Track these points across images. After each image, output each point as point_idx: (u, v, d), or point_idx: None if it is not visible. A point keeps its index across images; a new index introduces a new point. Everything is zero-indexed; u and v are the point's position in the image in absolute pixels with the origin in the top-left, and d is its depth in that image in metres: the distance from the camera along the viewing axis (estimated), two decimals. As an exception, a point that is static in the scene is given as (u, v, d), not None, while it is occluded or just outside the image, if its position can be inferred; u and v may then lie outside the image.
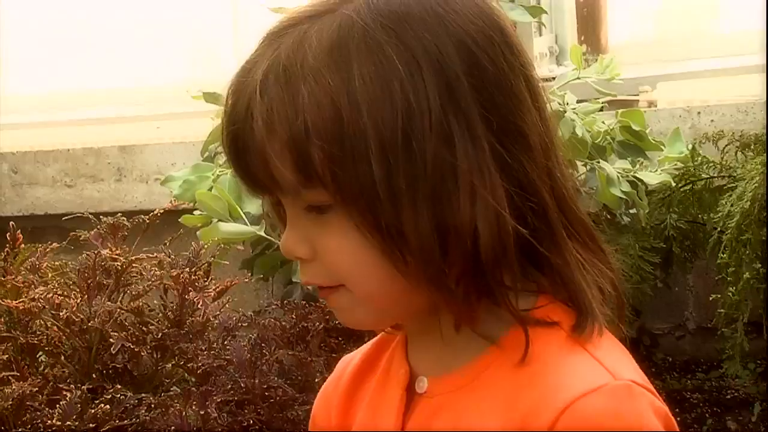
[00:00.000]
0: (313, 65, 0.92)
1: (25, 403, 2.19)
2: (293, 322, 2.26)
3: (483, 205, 0.93)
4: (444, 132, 0.93)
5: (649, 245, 2.47)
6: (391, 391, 1.03)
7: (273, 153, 0.93)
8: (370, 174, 0.92)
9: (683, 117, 2.85)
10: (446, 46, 0.94)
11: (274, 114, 0.92)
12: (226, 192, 2.36)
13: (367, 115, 0.91)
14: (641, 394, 0.92)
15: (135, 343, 2.30)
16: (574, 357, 0.94)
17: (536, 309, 0.96)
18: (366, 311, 0.98)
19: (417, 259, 0.93)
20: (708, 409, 2.57)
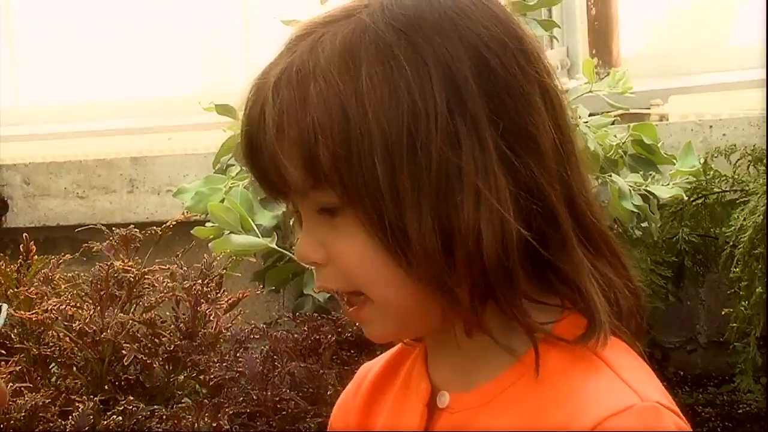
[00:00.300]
0: (324, 67, 0.93)
1: (37, 414, 2.19)
2: (305, 334, 2.26)
3: (487, 207, 0.92)
4: (450, 133, 0.93)
5: (661, 259, 2.46)
6: (412, 406, 1.02)
7: (282, 153, 0.94)
8: (374, 174, 0.92)
9: (695, 131, 2.84)
10: (456, 50, 0.94)
11: (284, 114, 0.94)
12: (238, 204, 2.36)
13: (373, 116, 0.92)
14: (668, 416, 0.92)
15: (147, 354, 2.31)
16: (601, 377, 0.94)
17: (558, 323, 0.96)
18: (387, 321, 0.98)
19: (419, 261, 0.93)
20: (720, 424, 2.56)
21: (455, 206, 0.93)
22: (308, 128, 0.93)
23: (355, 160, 0.92)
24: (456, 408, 0.99)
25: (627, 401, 0.91)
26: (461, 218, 0.92)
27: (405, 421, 1.02)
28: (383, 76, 0.93)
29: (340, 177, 0.93)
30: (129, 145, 3.52)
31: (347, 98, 0.92)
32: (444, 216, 0.93)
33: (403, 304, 0.97)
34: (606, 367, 0.94)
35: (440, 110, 0.93)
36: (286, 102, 0.94)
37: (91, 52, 3.89)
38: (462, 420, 0.98)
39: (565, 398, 0.93)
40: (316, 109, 0.93)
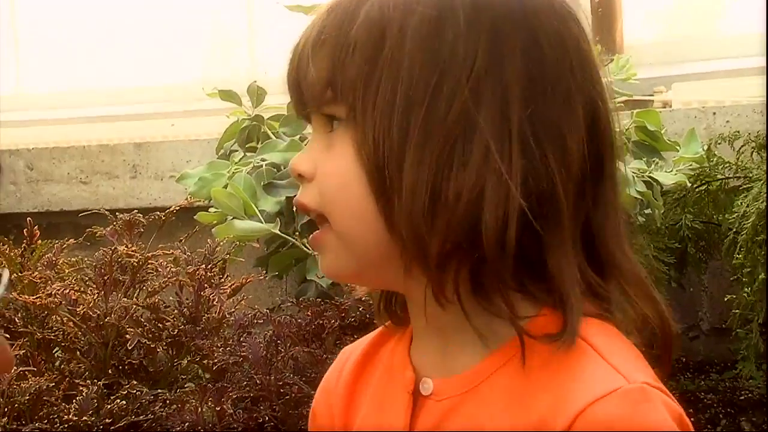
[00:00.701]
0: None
1: (41, 398, 2.20)
2: (308, 319, 2.26)
3: (495, 174, 0.92)
4: (478, 92, 0.93)
5: (664, 245, 2.46)
6: (397, 393, 1.01)
7: (315, 60, 0.96)
8: (391, 101, 0.93)
9: (698, 117, 2.84)
10: (515, 25, 0.95)
11: (329, 27, 0.96)
12: (241, 190, 2.37)
13: (410, 47, 0.93)
14: (656, 396, 0.91)
15: (151, 339, 2.31)
16: (586, 360, 0.92)
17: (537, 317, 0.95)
18: (342, 255, 0.97)
19: (405, 201, 0.92)
20: (722, 410, 2.56)
21: (461, 162, 0.92)
22: (344, 42, 0.95)
23: (376, 81, 0.94)
24: (440, 395, 0.98)
25: (613, 384, 0.90)
26: (465, 176, 0.92)
27: (390, 409, 1.01)
28: (436, 18, 0.94)
29: (355, 93, 0.94)
30: (132, 130, 3.52)
31: (391, 24, 0.94)
32: (446, 167, 0.92)
33: (364, 242, 0.96)
34: (591, 351, 0.93)
35: (478, 66, 0.93)
36: (338, 16, 0.96)
37: (94, 38, 3.89)
38: (447, 407, 0.97)
39: (551, 384, 0.92)
40: (359, 26, 0.95)
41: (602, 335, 0.95)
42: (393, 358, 1.04)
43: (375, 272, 0.99)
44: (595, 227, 0.97)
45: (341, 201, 0.96)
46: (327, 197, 0.97)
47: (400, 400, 1.00)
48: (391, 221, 0.94)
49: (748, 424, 2.50)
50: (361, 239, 0.96)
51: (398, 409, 1.00)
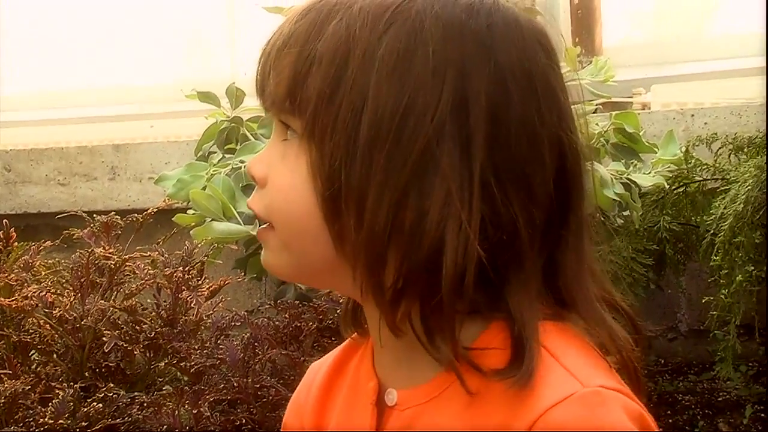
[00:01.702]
0: (355, 13, 0.95)
1: (17, 401, 2.19)
2: (286, 321, 2.26)
3: (455, 219, 0.91)
4: (441, 134, 0.92)
5: (642, 247, 2.47)
6: (362, 404, 1.02)
7: (277, 68, 0.96)
8: (353, 131, 0.93)
9: (677, 119, 2.85)
10: (483, 67, 0.94)
11: (296, 34, 0.96)
12: (220, 191, 2.36)
13: (376, 79, 0.93)
14: (612, 398, 0.91)
15: (128, 341, 2.30)
16: (542, 365, 0.92)
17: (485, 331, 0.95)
18: (286, 258, 0.98)
19: (363, 236, 0.92)
20: (700, 411, 2.57)
21: (422, 204, 0.92)
22: (308, 55, 0.94)
23: (336, 104, 0.93)
24: (404, 405, 0.99)
25: (568, 390, 0.90)
26: (425, 219, 0.91)
27: (356, 421, 1.02)
28: (404, 50, 0.93)
29: (314, 112, 0.94)
30: (111, 132, 3.51)
31: (356, 48, 0.93)
32: (407, 207, 0.92)
33: (308, 254, 0.97)
34: (547, 355, 0.93)
35: (441, 109, 0.92)
36: (306, 25, 0.96)
37: (73, 39, 3.87)
38: (411, 417, 0.98)
39: (509, 390, 0.92)
40: (324, 41, 0.94)
41: (558, 338, 0.95)
42: (359, 371, 1.05)
43: (319, 279, 1.02)
44: (557, 264, 0.97)
45: (287, 215, 0.97)
46: (274, 209, 0.98)
47: (365, 410, 1.01)
48: (342, 248, 0.94)
49: (725, 425, 2.51)
50: (306, 251, 0.97)
51: (363, 419, 1.01)
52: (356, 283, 0.95)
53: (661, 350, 2.87)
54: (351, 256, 0.94)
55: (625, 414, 0.91)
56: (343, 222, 0.94)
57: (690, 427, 2.52)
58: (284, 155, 0.98)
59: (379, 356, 1.02)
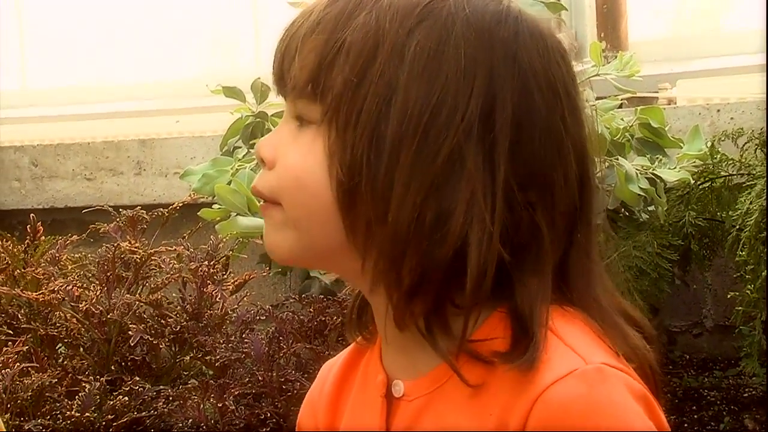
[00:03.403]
0: (382, 6, 0.94)
1: (44, 395, 2.20)
2: (311, 315, 2.26)
3: (479, 221, 0.92)
4: (469, 133, 0.93)
5: (668, 242, 2.45)
6: (371, 398, 1.03)
7: (302, 51, 0.95)
8: (379, 125, 0.93)
9: (702, 114, 2.84)
10: (509, 73, 0.94)
11: (324, 21, 0.95)
12: (245, 186, 2.36)
13: (406, 75, 0.93)
14: (614, 375, 0.92)
15: (153, 335, 2.31)
16: (545, 344, 0.93)
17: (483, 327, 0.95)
18: (288, 235, 0.98)
19: (386, 229, 0.93)
20: (725, 407, 2.56)
21: (447, 204, 0.92)
22: (336, 41, 0.94)
23: (362, 96, 0.93)
24: (411, 395, 0.99)
25: (570, 365, 0.91)
26: (450, 219, 0.92)
27: (366, 414, 1.03)
28: (435, 49, 0.93)
29: (338, 100, 0.94)
30: (137, 127, 3.52)
31: (385, 41, 0.93)
32: (432, 207, 0.92)
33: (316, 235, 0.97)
34: (550, 334, 0.94)
35: (470, 112, 0.93)
36: (336, 10, 0.95)
37: (99, 35, 3.89)
38: (419, 406, 0.98)
39: (512, 371, 0.92)
40: (353, 30, 0.94)
41: (561, 318, 0.95)
42: (368, 366, 1.06)
43: (321, 261, 1.02)
44: (567, 269, 0.98)
45: (297, 196, 0.96)
46: (283, 190, 0.97)
47: (374, 403, 1.02)
48: (354, 237, 0.95)
49: (751, 421, 2.50)
50: (312, 232, 0.97)
51: (374, 412, 1.02)
52: (365, 273, 0.95)
53: (686, 346, 2.87)
54: (364, 247, 0.95)
55: (629, 392, 0.91)
56: (359, 212, 0.94)
57: (715, 423, 2.51)
58: (297, 138, 0.98)
59: (386, 350, 1.03)
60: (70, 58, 3.92)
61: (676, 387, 2.65)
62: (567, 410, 0.89)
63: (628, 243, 2.44)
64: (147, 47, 3.82)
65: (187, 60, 3.81)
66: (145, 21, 3.82)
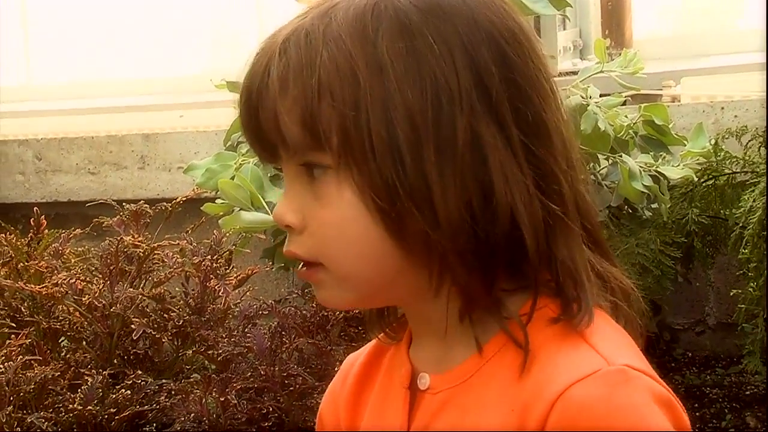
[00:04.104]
0: (335, 31, 0.94)
1: (47, 387, 2.21)
2: (313, 310, 2.27)
3: (518, 186, 0.93)
4: (475, 113, 0.93)
5: (671, 240, 2.45)
6: (395, 389, 1.03)
7: (283, 110, 0.94)
8: (392, 140, 0.92)
9: (706, 112, 2.84)
10: (476, 35, 0.95)
11: (290, 71, 0.94)
12: (248, 181, 2.36)
13: (393, 82, 0.92)
14: (637, 378, 0.91)
15: (156, 329, 2.32)
16: (569, 345, 0.93)
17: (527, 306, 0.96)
18: (343, 292, 0.98)
19: (442, 232, 0.93)
20: (727, 405, 2.56)
21: (483, 181, 0.93)
22: (313, 86, 0.93)
23: (364, 123, 0.92)
24: (436, 388, 1.00)
25: (593, 366, 0.91)
26: (494, 199, 0.93)
27: (390, 404, 1.03)
28: (407, 49, 0.93)
29: (343, 139, 0.93)
30: (140, 121, 3.52)
31: (358, 62, 0.93)
32: (472, 190, 0.93)
33: (367, 278, 0.97)
34: (576, 335, 0.94)
35: (464, 89, 0.93)
36: (293, 60, 0.94)
37: (103, 30, 3.89)
38: (443, 399, 0.99)
39: (535, 369, 0.93)
40: (323, 69, 0.93)
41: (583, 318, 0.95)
42: (394, 360, 1.06)
43: (375, 298, 1.01)
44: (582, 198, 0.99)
45: (343, 247, 0.96)
46: (326, 246, 0.96)
47: (398, 395, 1.03)
48: (411, 256, 0.94)
49: (753, 419, 2.50)
50: (365, 276, 0.96)
51: (397, 403, 1.02)
52: (432, 282, 0.95)
53: (689, 343, 2.87)
54: (427, 259, 0.95)
55: (651, 396, 0.91)
56: (411, 230, 0.94)
57: (717, 421, 2.51)
58: (318, 195, 0.96)
59: (415, 344, 1.04)
60: (74, 53, 3.92)
61: (679, 384, 2.65)
62: (587, 411, 0.89)
63: (631, 240, 2.44)
64: (151, 42, 3.83)
65: (190, 55, 3.82)
66: (149, 16, 3.83)
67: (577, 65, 3.14)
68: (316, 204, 0.96)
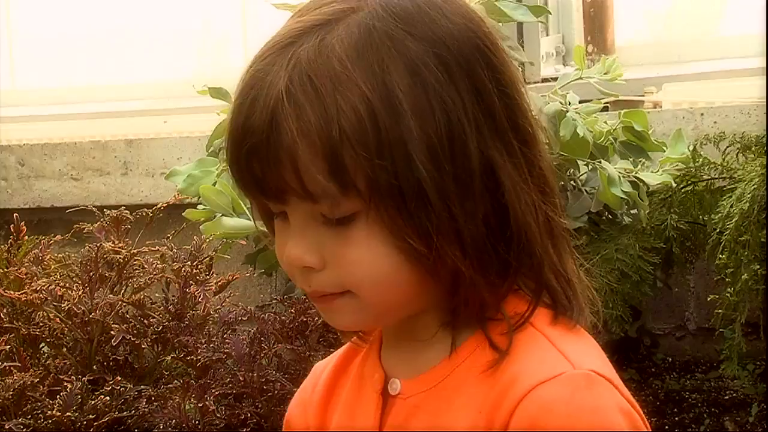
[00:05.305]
0: (340, 72, 0.93)
1: (26, 394, 2.21)
2: (292, 316, 2.27)
3: (527, 204, 0.96)
4: (481, 134, 0.95)
5: (650, 245, 2.47)
6: (367, 395, 1.04)
7: (305, 161, 0.92)
8: (414, 178, 0.93)
9: (686, 118, 2.85)
10: (468, 54, 0.96)
11: (306, 123, 0.92)
12: (230, 187, 2.37)
13: (410, 120, 0.93)
14: (600, 384, 0.94)
15: (136, 335, 2.32)
16: (537, 349, 0.96)
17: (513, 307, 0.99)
18: (364, 316, 0.99)
19: (471, 261, 0.95)
20: (706, 410, 2.57)
21: (500, 205, 0.95)
22: (334, 137, 0.91)
23: (389, 165, 0.92)
24: (407, 393, 1.01)
25: (558, 369, 0.93)
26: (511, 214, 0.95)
27: (361, 410, 1.04)
28: (413, 83, 0.94)
29: (369, 184, 0.93)
30: (124, 127, 3.53)
31: (375, 104, 0.92)
32: (492, 211, 0.95)
33: (391, 305, 0.98)
34: (543, 338, 0.96)
35: (470, 112, 0.95)
36: (307, 110, 0.92)
37: (87, 35, 3.89)
38: (414, 404, 1.00)
39: (502, 372, 0.95)
40: (344, 118, 0.92)
41: (555, 325, 0.98)
42: (363, 366, 1.07)
43: (389, 319, 1.02)
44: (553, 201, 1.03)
45: (373, 282, 0.96)
46: (356, 280, 0.96)
47: (370, 400, 1.04)
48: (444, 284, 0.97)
49: (731, 423, 2.51)
50: (392, 302, 0.98)
51: (369, 409, 1.04)
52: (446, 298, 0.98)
53: (669, 348, 2.88)
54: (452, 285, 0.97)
55: (613, 403, 0.93)
56: (444, 264, 0.95)
57: (696, 426, 2.52)
58: (342, 236, 0.95)
59: (387, 349, 1.05)
60: (58, 58, 3.92)
61: (658, 389, 2.66)
62: (549, 412, 0.91)
63: (611, 246, 2.45)
64: (135, 48, 3.83)
65: (174, 61, 3.82)
66: (133, 22, 3.83)
67: (559, 71, 3.15)
68: (338, 243, 0.96)
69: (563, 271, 0.99)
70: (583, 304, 1.00)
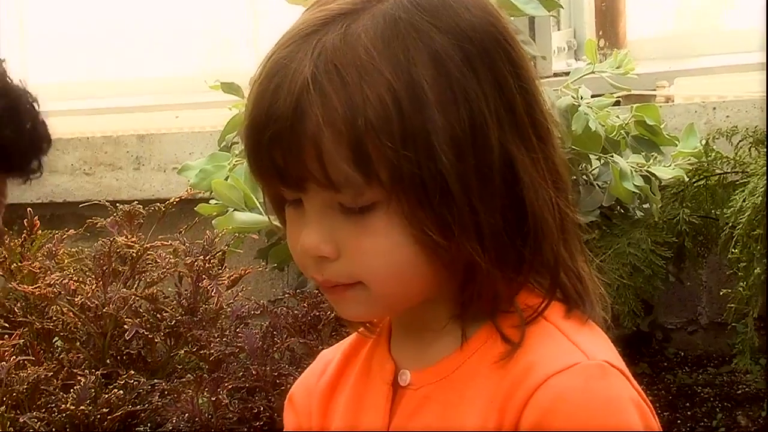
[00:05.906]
0: (366, 61, 0.92)
1: (39, 387, 2.22)
2: (305, 310, 2.27)
3: (544, 200, 0.96)
4: (501, 126, 0.95)
5: (662, 240, 2.46)
6: (376, 386, 1.04)
7: (329, 149, 0.92)
8: (437, 169, 0.93)
9: (699, 112, 2.84)
10: (490, 47, 0.96)
11: (332, 111, 0.92)
12: (242, 182, 2.37)
13: (434, 112, 0.93)
14: (614, 374, 0.94)
15: (149, 329, 2.33)
16: (550, 340, 0.96)
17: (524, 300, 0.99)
18: (374, 307, 0.99)
19: (489, 256, 0.94)
20: (719, 404, 2.57)
21: (519, 200, 0.95)
22: (360, 126, 0.91)
23: (412, 155, 0.92)
24: (417, 384, 1.01)
25: (572, 360, 0.94)
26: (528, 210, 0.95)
27: (370, 401, 1.04)
28: (437, 72, 0.93)
29: (392, 174, 0.92)
30: (136, 122, 3.53)
31: (401, 95, 0.92)
32: (511, 204, 0.95)
33: (402, 296, 0.98)
34: (556, 331, 0.96)
35: (492, 105, 0.95)
36: (333, 98, 0.92)
37: (99, 30, 3.90)
38: (424, 395, 1.00)
39: (516, 363, 0.95)
40: (370, 107, 0.92)
41: (568, 318, 0.98)
42: (372, 356, 1.07)
43: (399, 309, 1.02)
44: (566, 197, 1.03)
45: (386, 273, 0.96)
46: (368, 272, 0.96)
47: (379, 391, 1.03)
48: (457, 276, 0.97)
49: (744, 418, 2.50)
50: (401, 295, 0.98)
51: (378, 400, 1.03)
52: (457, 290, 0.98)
53: (681, 343, 2.87)
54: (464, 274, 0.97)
55: (625, 394, 0.94)
56: (459, 256, 0.95)
57: (708, 420, 2.52)
58: (360, 225, 0.95)
59: (396, 340, 1.05)
60: (70, 53, 3.92)
61: (670, 384, 2.66)
62: (563, 401, 0.92)
63: (623, 240, 2.45)
64: (147, 43, 3.83)
65: (186, 56, 3.82)
66: (145, 17, 3.83)
67: (571, 65, 3.15)
68: (354, 233, 0.95)
69: (574, 267, 0.99)
70: (594, 300, 1.00)
